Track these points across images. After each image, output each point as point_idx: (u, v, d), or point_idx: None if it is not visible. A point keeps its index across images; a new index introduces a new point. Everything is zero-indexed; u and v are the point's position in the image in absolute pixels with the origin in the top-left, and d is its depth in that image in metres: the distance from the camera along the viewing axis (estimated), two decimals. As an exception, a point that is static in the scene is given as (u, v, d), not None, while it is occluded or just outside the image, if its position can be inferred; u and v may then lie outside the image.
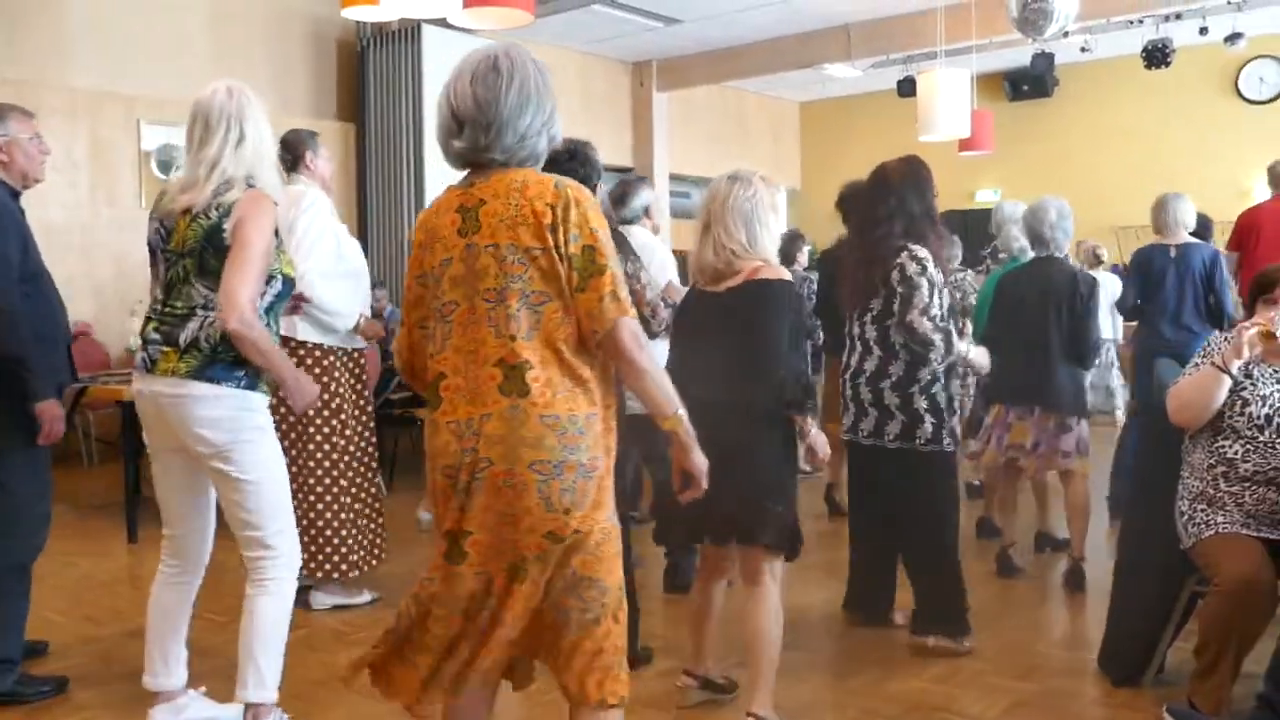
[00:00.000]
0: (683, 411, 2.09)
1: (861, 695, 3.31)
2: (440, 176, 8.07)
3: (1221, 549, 2.95)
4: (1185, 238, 5.45)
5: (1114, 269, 9.13)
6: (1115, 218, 10.61)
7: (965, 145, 8.81)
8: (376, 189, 8.95)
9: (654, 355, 2.05)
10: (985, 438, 4.51)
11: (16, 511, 3.22)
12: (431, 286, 2.06)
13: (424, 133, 8.48)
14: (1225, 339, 3.10)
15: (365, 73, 8.93)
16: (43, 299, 3.27)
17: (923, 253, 3.52)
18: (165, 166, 7.82)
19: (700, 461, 2.15)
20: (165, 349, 2.76)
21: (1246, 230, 6.03)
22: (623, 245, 3.77)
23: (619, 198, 4.63)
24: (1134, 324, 6.05)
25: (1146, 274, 5.44)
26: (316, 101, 8.91)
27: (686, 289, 3.22)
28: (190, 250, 2.73)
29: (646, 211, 4.59)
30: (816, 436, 2.95)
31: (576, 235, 1.96)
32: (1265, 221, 5.98)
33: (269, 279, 2.78)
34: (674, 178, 11.62)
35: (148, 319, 2.85)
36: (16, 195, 3.31)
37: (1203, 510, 3.05)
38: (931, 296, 3.47)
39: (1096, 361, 5.01)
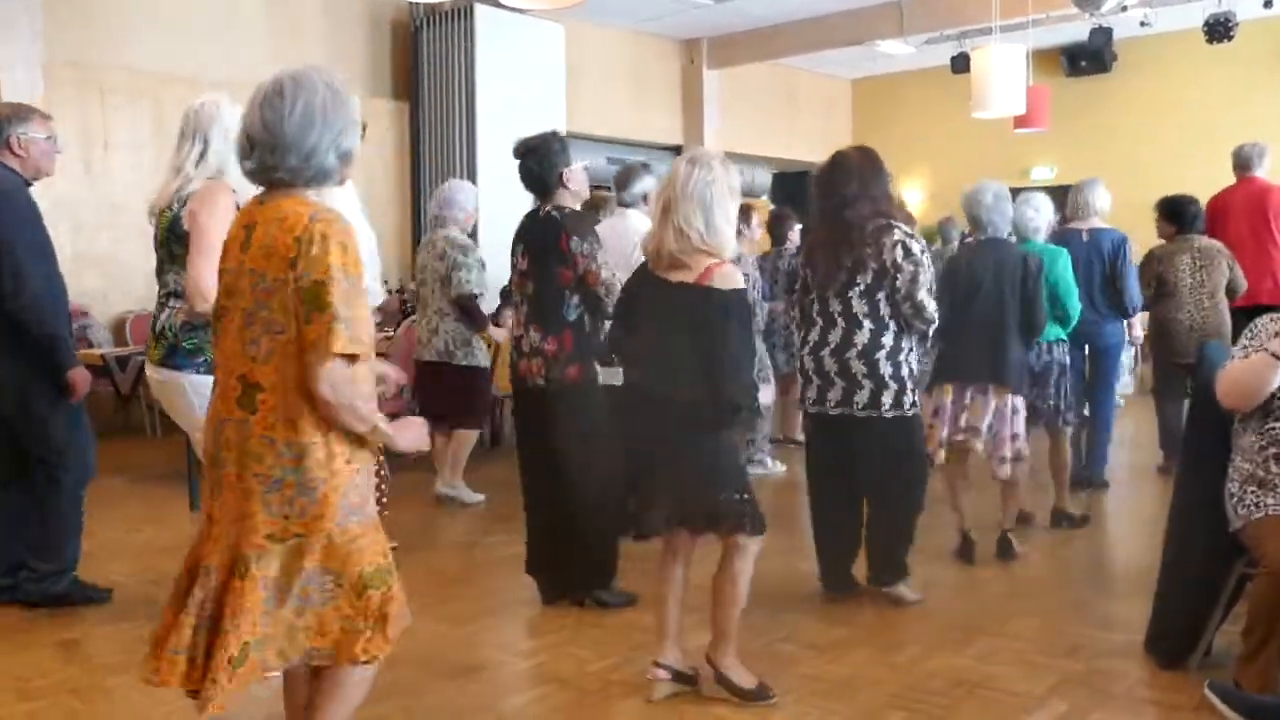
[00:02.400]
0: (380, 422, 2.16)
1: (903, 671, 3.33)
2: (493, 155, 8.11)
3: (1271, 531, 2.92)
4: (1097, 223, 5.51)
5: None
6: (1174, 196, 10.40)
7: (1020, 122, 8.69)
8: (430, 167, 9.05)
9: (354, 391, 2.09)
10: (937, 416, 4.42)
11: (72, 448, 3.79)
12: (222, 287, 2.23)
13: (476, 111, 8.56)
14: (1272, 318, 3.07)
15: (419, 52, 9.02)
16: (59, 280, 3.71)
17: (914, 231, 3.73)
18: (224, 146, 7.98)
19: (403, 443, 2.27)
20: (151, 336, 3.15)
21: (1216, 214, 6.16)
22: (583, 224, 3.86)
23: (621, 182, 4.86)
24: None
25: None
26: (372, 81, 9.02)
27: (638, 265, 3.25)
28: (162, 241, 3.10)
29: (645, 198, 4.75)
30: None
31: (309, 271, 2.05)
32: (1235, 206, 6.02)
33: None
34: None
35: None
36: (28, 185, 3.72)
37: (1253, 492, 3.03)
38: (930, 275, 3.68)
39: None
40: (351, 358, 2.07)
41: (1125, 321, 5.61)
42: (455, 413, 5.56)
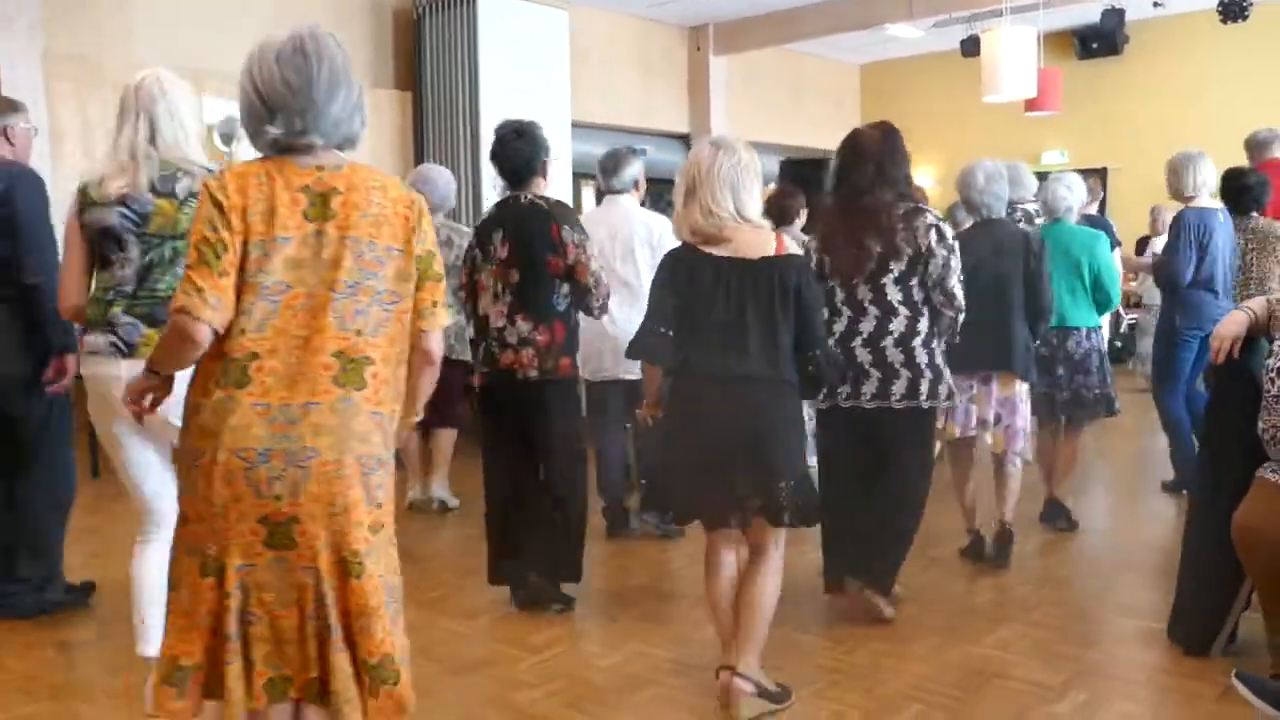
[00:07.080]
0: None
1: (921, 662, 3.27)
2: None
3: (1256, 492, 2.86)
4: (1208, 201, 5.04)
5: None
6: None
7: (1031, 105, 8.58)
8: (433, 156, 8.98)
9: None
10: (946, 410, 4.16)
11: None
12: (255, 258, 1.96)
13: (479, 101, 8.48)
14: None
15: (422, 41, 8.94)
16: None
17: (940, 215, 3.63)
18: (227, 139, 7.91)
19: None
20: (147, 331, 2.83)
21: None
22: (570, 214, 3.82)
23: (609, 168, 4.72)
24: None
25: (1205, 242, 4.95)
26: (374, 70, 8.95)
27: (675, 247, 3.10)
28: (184, 232, 2.77)
29: (636, 184, 4.76)
30: None
31: (424, 240, 2.10)
32: None
33: None
34: (732, 143, 11.52)
35: (110, 302, 2.87)
36: None
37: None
38: (959, 261, 3.57)
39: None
40: None
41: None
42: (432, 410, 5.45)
